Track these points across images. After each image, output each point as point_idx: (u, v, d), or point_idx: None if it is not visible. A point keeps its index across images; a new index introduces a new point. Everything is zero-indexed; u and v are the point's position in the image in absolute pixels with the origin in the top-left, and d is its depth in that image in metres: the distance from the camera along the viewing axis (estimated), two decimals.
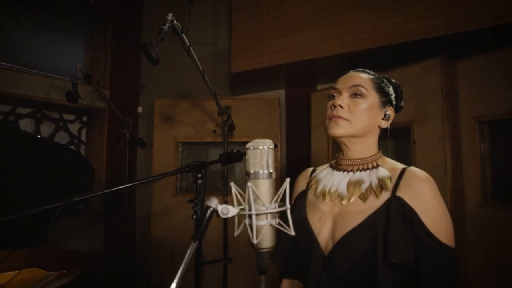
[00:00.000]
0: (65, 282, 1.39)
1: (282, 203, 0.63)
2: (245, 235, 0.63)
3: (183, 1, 3.10)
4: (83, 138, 3.04)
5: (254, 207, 0.61)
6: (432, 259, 0.80)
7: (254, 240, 0.61)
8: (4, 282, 1.44)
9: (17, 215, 0.98)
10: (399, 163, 0.94)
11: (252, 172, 0.63)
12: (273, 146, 0.64)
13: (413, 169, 0.88)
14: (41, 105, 2.65)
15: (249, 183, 0.61)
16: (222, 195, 2.15)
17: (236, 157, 1.46)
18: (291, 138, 2.93)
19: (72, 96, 2.09)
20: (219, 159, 1.46)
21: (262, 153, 0.63)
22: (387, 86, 0.99)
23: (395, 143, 2.29)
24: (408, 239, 0.81)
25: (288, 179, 0.62)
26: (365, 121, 0.92)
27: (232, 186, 0.63)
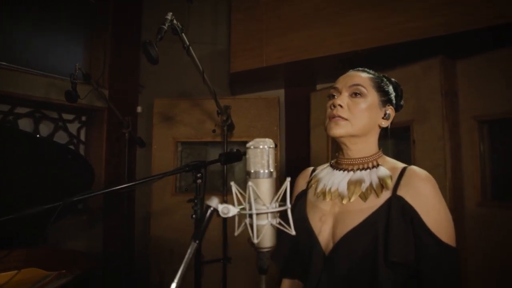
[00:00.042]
0: (64, 282, 1.39)
1: (283, 203, 0.63)
2: (244, 235, 0.63)
3: (182, 0, 3.09)
4: (82, 137, 3.03)
5: (255, 206, 0.60)
6: (433, 258, 0.80)
7: (255, 239, 0.61)
8: (3, 282, 1.43)
9: (17, 214, 0.98)
10: (399, 162, 0.93)
11: (252, 171, 0.62)
12: (273, 146, 0.64)
13: (414, 168, 0.88)
14: (40, 105, 2.64)
15: (249, 183, 0.61)
16: (222, 194, 2.15)
17: (235, 156, 1.46)
18: (290, 137, 2.93)
19: (71, 95, 2.08)
20: (218, 158, 1.46)
21: (262, 152, 0.62)
22: (387, 85, 0.99)
23: (394, 142, 2.29)
24: (409, 238, 0.81)
25: (288, 179, 0.62)
26: (365, 121, 0.92)
27: (233, 185, 0.63)
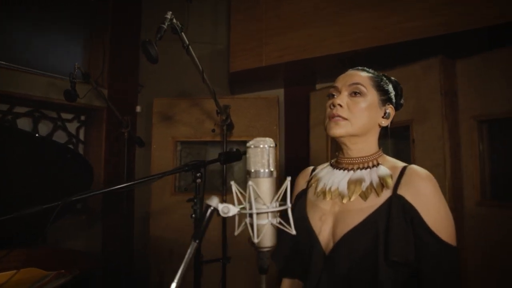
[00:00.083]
0: (63, 282, 1.38)
1: (283, 202, 0.63)
2: (244, 234, 0.63)
3: (182, 0, 3.09)
4: (81, 137, 3.03)
5: (255, 206, 0.60)
6: (433, 257, 0.80)
7: (255, 239, 0.60)
8: (2, 282, 1.43)
9: (16, 214, 0.97)
10: (399, 161, 0.93)
11: (253, 171, 0.62)
12: (274, 145, 0.64)
13: (414, 167, 0.88)
14: (39, 104, 2.63)
15: (250, 182, 0.61)
16: (221, 194, 2.15)
17: (235, 156, 1.46)
18: (290, 137, 2.93)
19: (70, 95, 2.07)
20: (218, 158, 1.45)
21: (263, 151, 0.62)
22: (387, 84, 0.98)
23: (394, 142, 2.28)
24: (409, 237, 0.80)
25: (289, 178, 0.62)
26: (365, 120, 0.92)
27: (233, 184, 0.63)
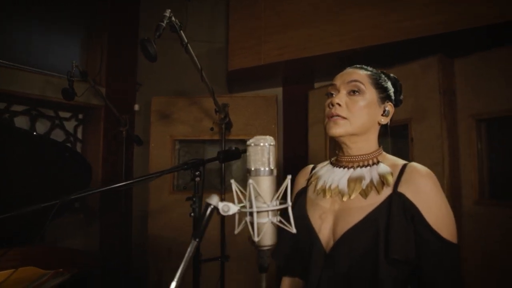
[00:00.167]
0: (61, 280, 1.38)
1: (283, 201, 0.63)
2: (243, 233, 0.63)
3: None
4: (79, 135, 3.02)
5: (255, 204, 0.60)
6: (434, 255, 0.80)
7: (255, 237, 0.60)
8: (0, 281, 1.42)
9: (15, 212, 0.97)
10: (399, 159, 0.93)
11: (253, 169, 0.62)
12: (274, 143, 0.63)
13: (414, 164, 0.87)
14: (37, 103, 2.62)
15: (250, 180, 0.60)
16: (220, 193, 2.15)
17: (234, 154, 1.45)
18: (288, 135, 2.93)
19: (68, 93, 2.06)
20: (217, 156, 1.45)
21: (263, 150, 0.62)
22: (385, 81, 0.97)
23: (393, 141, 2.29)
24: (410, 235, 0.80)
25: (289, 176, 0.61)
26: (364, 119, 0.91)
27: (233, 183, 0.62)
